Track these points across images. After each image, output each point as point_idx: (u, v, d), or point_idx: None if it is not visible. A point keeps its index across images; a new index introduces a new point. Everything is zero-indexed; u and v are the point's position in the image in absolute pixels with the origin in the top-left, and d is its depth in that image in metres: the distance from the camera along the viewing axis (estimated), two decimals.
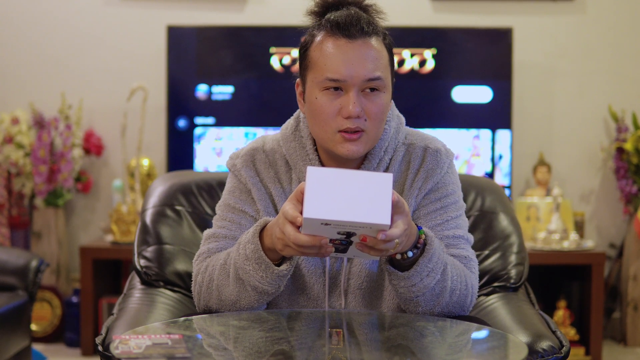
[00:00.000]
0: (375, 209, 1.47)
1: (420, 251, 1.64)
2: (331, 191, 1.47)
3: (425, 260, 1.63)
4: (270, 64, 4.01)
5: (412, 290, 1.66)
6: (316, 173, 1.49)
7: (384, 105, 1.72)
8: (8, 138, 4.05)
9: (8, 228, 4.07)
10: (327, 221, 1.47)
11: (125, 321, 1.84)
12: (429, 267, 1.64)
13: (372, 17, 1.74)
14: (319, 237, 1.50)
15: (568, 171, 4.26)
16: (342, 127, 1.70)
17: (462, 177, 2.12)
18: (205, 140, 4.04)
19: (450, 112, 4.05)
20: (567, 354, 1.75)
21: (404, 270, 1.65)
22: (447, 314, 1.73)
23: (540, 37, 4.22)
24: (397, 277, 1.65)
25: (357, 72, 1.68)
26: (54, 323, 4.03)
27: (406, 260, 1.64)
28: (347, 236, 1.51)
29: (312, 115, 1.73)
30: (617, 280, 4.15)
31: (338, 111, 1.70)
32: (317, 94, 1.71)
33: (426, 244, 1.64)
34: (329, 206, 1.46)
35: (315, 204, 1.47)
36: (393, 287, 1.68)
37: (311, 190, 1.48)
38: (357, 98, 1.69)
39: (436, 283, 1.66)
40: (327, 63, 1.69)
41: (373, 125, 1.71)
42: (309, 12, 1.76)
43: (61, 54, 4.23)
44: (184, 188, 2.20)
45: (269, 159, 1.84)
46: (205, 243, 1.82)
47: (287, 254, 1.59)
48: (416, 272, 1.63)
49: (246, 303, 1.70)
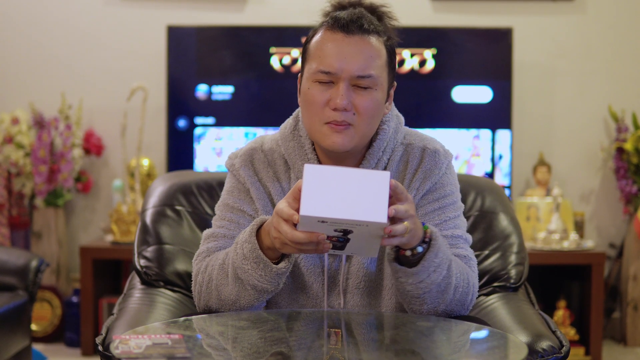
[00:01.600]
0: (372, 207, 1.47)
1: (427, 246, 1.64)
2: (328, 189, 1.48)
3: (432, 255, 1.64)
4: (270, 64, 4.02)
5: (420, 287, 1.66)
6: (313, 170, 1.50)
7: (375, 102, 1.72)
8: (8, 138, 4.06)
9: (8, 228, 4.07)
10: (324, 219, 1.47)
11: (125, 321, 1.84)
12: (436, 262, 1.64)
13: (381, 19, 1.77)
14: (315, 233, 1.51)
15: (568, 171, 4.26)
16: (329, 119, 1.71)
17: (462, 177, 2.12)
18: (205, 140, 4.04)
19: (450, 112, 4.05)
20: (567, 354, 1.75)
21: (411, 267, 1.66)
22: (449, 312, 1.73)
23: (540, 37, 4.22)
24: (406, 273, 1.65)
25: (349, 66, 1.69)
26: (54, 323, 4.03)
27: (415, 256, 1.64)
28: (344, 233, 1.51)
29: (303, 105, 1.76)
30: (617, 280, 4.15)
31: (327, 102, 1.71)
32: (310, 85, 1.73)
33: (432, 239, 1.64)
34: (326, 204, 1.47)
35: (312, 201, 1.47)
36: (400, 285, 1.68)
37: (308, 188, 1.48)
38: (346, 91, 1.70)
39: (442, 279, 1.67)
40: (321, 55, 1.71)
41: (362, 120, 1.72)
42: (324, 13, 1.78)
43: (61, 54, 4.23)
44: (184, 188, 2.20)
45: (268, 158, 1.84)
46: (204, 243, 1.83)
47: (287, 252, 1.59)
48: (424, 267, 1.64)
49: (246, 302, 1.70)
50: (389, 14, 1.79)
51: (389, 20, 1.79)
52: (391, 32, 1.78)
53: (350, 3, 1.78)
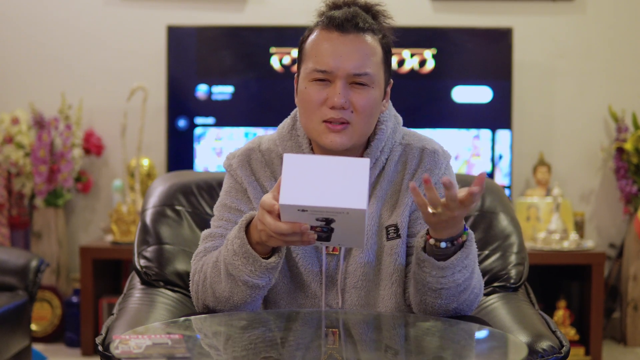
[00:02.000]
0: (351, 194, 1.46)
1: (460, 246, 1.64)
2: (308, 178, 1.47)
3: (463, 255, 1.64)
4: (270, 64, 4.01)
5: (442, 282, 1.66)
6: (293, 160, 1.49)
7: (372, 100, 1.73)
8: (8, 138, 4.06)
9: (8, 228, 4.07)
10: (303, 207, 1.46)
11: (125, 321, 1.84)
12: (464, 264, 1.65)
13: (376, 17, 1.77)
14: (298, 224, 1.50)
15: (568, 171, 4.26)
16: (327, 117, 1.71)
17: (462, 177, 2.12)
18: (205, 140, 4.04)
19: (450, 112, 4.05)
20: (567, 354, 1.75)
21: (439, 260, 1.65)
22: (457, 312, 1.73)
23: (540, 37, 4.22)
24: (432, 265, 1.65)
25: (345, 64, 1.70)
26: (54, 323, 4.03)
27: (439, 250, 1.64)
28: (326, 223, 1.50)
29: (300, 105, 1.76)
30: (617, 280, 4.15)
31: (324, 101, 1.72)
32: (307, 84, 1.73)
33: (467, 240, 1.64)
34: (305, 193, 1.46)
35: (291, 190, 1.46)
36: (423, 274, 1.67)
37: (287, 177, 1.48)
38: (343, 89, 1.70)
39: (464, 280, 1.67)
40: (317, 54, 1.72)
41: (359, 118, 1.72)
42: (319, 13, 1.78)
43: (61, 54, 4.23)
44: (184, 188, 2.20)
45: (265, 158, 1.85)
46: (202, 243, 1.83)
47: (273, 244, 1.59)
48: (452, 264, 1.64)
49: (239, 298, 1.70)
50: (384, 13, 1.80)
51: (384, 19, 1.79)
52: (386, 30, 1.79)
53: (345, 2, 1.78)
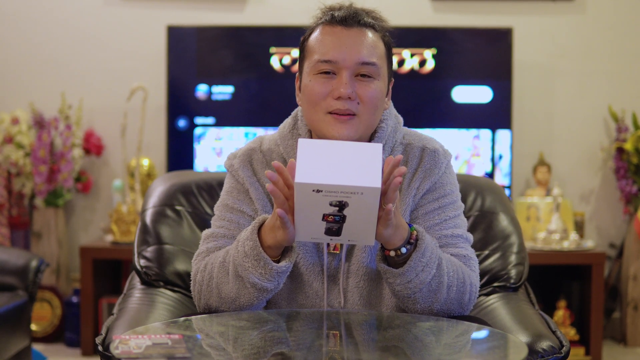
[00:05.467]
0: (365, 174, 1.49)
1: (413, 247, 1.65)
2: (322, 160, 1.50)
3: (418, 254, 1.64)
4: (270, 64, 4.01)
5: (409, 287, 1.66)
6: (307, 144, 1.52)
7: (378, 92, 1.73)
8: (8, 138, 4.05)
9: (8, 228, 4.07)
10: (319, 186, 1.48)
11: (125, 321, 1.84)
12: (423, 262, 1.64)
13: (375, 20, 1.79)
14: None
15: (568, 171, 4.26)
16: (332, 108, 1.71)
17: (462, 177, 2.13)
18: (205, 140, 4.04)
19: (450, 112, 4.05)
20: (567, 354, 1.75)
21: (398, 268, 1.66)
22: (446, 312, 1.73)
23: (540, 37, 4.22)
24: (393, 274, 1.65)
25: (350, 54, 1.71)
26: (54, 323, 4.03)
27: (400, 257, 1.64)
28: (339, 209, 1.51)
29: (305, 100, 1.76)
30: (617, 280, 4.15)
31: (329, 92, 1.72)
32: (311, 78, 1.74)
33: (418, 239, 1.65)
34: (320, 172, 1.49)
35: (306, 170, 1.49)
36: (389, 286, 1.68)
37: (303, 159, 1.50)
38: (350, 80, 1.71)
39: (432, 278, 1.66)
40: (322, 47, 1.73)
41: (366, 110, 1.72)
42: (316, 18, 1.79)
43: (61, 54, 4.23)
44: (184, 188, 2.20)
45: (266, 158, 1.85)
46: (203, 243, 1.83)
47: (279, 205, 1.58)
48: (410, 267, 1.64)
49: (246, 300, 1.70)
50: (381, 19, 1.81)
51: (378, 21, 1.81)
52: (386, 30, 1.80)
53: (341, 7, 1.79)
